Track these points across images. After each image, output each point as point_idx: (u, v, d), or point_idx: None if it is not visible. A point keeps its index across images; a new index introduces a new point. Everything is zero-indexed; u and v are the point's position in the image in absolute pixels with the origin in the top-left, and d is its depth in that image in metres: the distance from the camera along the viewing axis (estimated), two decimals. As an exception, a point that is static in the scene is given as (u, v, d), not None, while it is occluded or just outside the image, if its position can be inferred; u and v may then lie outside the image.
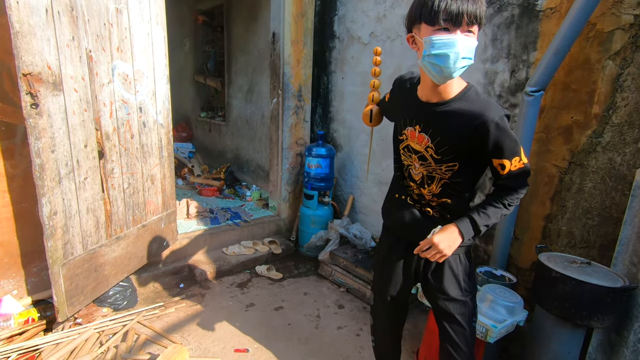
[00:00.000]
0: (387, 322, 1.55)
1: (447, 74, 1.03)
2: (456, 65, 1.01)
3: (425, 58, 1.05)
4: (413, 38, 1.11)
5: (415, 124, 1.20)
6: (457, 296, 1.29)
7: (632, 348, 1.59)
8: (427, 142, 1.18)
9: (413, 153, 1.25)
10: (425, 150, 1.20)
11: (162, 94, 2.56)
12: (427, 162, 1.21)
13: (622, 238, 1.70)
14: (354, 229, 3.11)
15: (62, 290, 1.95)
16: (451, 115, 1.13)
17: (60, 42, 1.77)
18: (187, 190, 4.58)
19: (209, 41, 5.62)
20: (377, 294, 1.51)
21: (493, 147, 1.10)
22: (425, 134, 1.17)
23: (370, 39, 3.14)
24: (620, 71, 1.78)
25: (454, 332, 1.30)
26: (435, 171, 1.22)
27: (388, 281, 1.44)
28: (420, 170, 1.26)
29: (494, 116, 1.07)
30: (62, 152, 1.85)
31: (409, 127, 1.22)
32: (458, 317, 1.30)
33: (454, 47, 0.99)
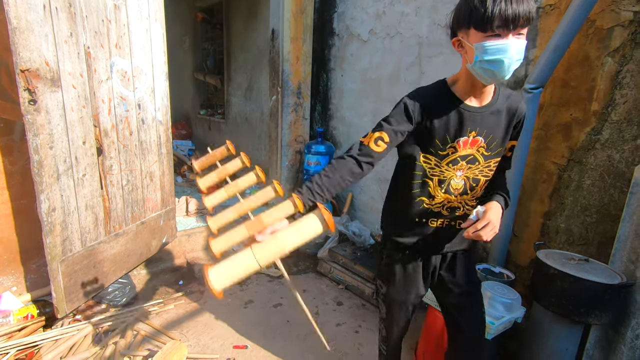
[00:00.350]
0: (403, 330, 1.51)
1: (500, 77, 1.02)
2: (510, 69, 1.00)
3: (477, 64, 1.02)
4: (459, 42, 1.08)
5: (470, 131, 1.16)
6: (469, 289, 1.34)
7: (629, 345, 1.60)
8: (480, 143, 1.19)
9: (461, 160, 1.20)
10: (477, 151, 1.20)
11: (160, 91, 2.56)
12: (477, 163, 1.21)
13: (620, 235, 1.70)
14: (353, 227, 3.11)
15: (60, 287, 1.96)
16: (499, 111, 1.18)
17: (58, 38, 1.77)
18: (186, 187, 4.58)
19: (208, 38, 5.61)
20: (394, 303, 1.45)
21: (517, 130, 1.24)
22: (480, 136, 1.18)
23: (369, 36, 3.13)
24: (620, 68, 1.78)
25: (469, 324, 1.33)
26: (483, 172, 1.23)
27: (409, 290, 1.40)
28: (464, 177, 1.22)
29: (524, 106, 1.22)
30: (60, 148, 1.85)
31: (462, 138, 1.17)
32: (469, 307, 1.34)
33: (507, 52, 0.96)
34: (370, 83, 3.19)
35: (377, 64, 3.11)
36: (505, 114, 1.18)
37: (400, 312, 1.45)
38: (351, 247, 3.03)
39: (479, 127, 1.15)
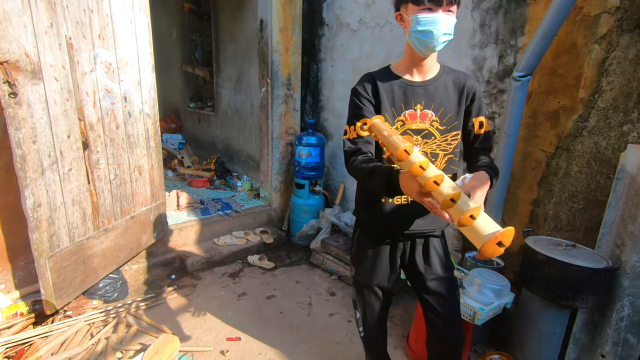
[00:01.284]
0: (377, 312, 1.56)
1: (431, 47, 1.17)
2: (439, 40, 1.14)
3: (412, 34, 1.17)
4: (401, 16, 1.22)
5: (415, 104, 1.27)
6: (442, 274, 1.37)
7: (614, 327, 1.64)
8: (431, 117, 1.27)
9: (414, 135, 1.28)
10: (431, 125, 1.28)
11: (147, 83, 2.51)
12: (433, 137, 1.29)
13: (606, 221, 1.73)
14: (345, 218, 3.12)
15: (49, 283, 1.93)
16: (445, 85, 1.28)
17: (37, 28, 1.72)
18: (177, 181, 4.54)
19: (196, 30, 5.51)
20: (364, 287, 1.51)
21: (477, 106, 1.30)
22: (428, 109, 1.27)
23: (359, 26, 3.10)
24: (606, 55, 1.79)
25: (441, 306, 1.37)
26: (440, 146, 1.30)
27: (377, 274, 1.45)
28: (422, 152, 1.27)
29: (475, 80, 1.32)
30: (44, 142, 1.81)
31: (407, 111, 1.27)
32: (445, 293, 1.37)
33: (436, 24, 1.12)
34: (361, 73, 3.13)
35: (367, 54, 3.09)
36: (453, 88, 1.28)
37: (369, 294, 1.51)
38: (343, 238, 3.04)
39: (424, 100, 1.26)
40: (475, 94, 1.29)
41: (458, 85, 1.28)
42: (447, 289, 1.37)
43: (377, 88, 1.26)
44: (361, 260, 1.48)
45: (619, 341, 1.63)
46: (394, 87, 1.26)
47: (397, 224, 1.35)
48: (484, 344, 2.19)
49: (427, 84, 1.27)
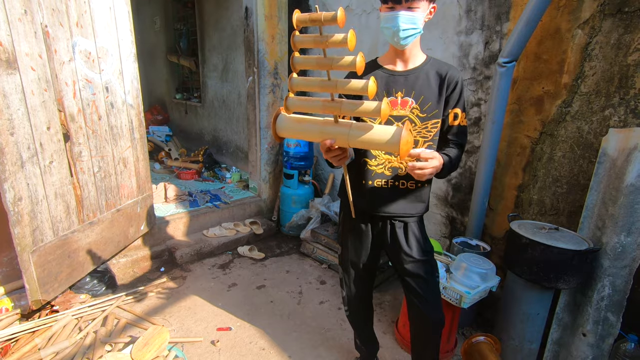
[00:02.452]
0: (360, 291, 1.62)
1: (396, 41, 1.24)
2: (400, 35, 1.21)
3: (381, 29, 1.27)
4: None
5: (395, 92, 1.33)
6: (421, 257, 1.42)
7: (595, 306, 1.69)
8: (411, 104, 1.32)
9: (396, 121, 1.34)
10: (411, 112, 1.32)
11: (130, 73, 2.45)
12: (413, 124, 1.33)
13: (588, 204, 1.77)
14: (335, 207, 3.12)
15: (34, 278, 1.90)
16: (423, 74, 1.32)
17: (10, 15, 1.65)
18: (165, 174, 4.48)
19: (180, 18, 5.38)
20: (348, 265, 1.58)
21: (455, 98, 1.33)
22: (409, 97, 1.32)
23: (346, 13, 3.06)
24: (589, 40, 1.80)
25: (419, 286, 1.43)
26: (421, 133, 1.34)
27: (360, 253, 1.53)
28: None
29: (459, 73, 1.34)
30: (22, 134, 1.75)
31: (388, 98, 1.33)
32: (423, 274, 1.42)
33: (395, 21, 1.20)
34: (348, 61, 3.14)
35: (354, 42, 3.06)
36: (434, 77, 1.31)
37: (354, 273, 1.58)
38: (333, 227, 3.05)
39: (404, 87, 1.32)
40: (456, 85, 1.31)
41: (440, 75, 1.32)
42: (425, 270, 1.42)
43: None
44: (346, 240, 1.55)
45: (599, 320, 1.68)
46: (377, 76, 1.33)
47: (377, 205, 1.41)
48: (471, 327, 2.24)
49: (408, 72, 1.33)
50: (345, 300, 1.68)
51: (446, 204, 2.59)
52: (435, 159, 1.17)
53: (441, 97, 1.32)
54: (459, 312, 1.92)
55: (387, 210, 1.40)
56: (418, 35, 1.24)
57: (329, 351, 2.00)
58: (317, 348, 2.02)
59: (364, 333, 1.78)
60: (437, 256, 1.99)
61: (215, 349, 1.97)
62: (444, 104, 1.33)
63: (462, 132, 1.36)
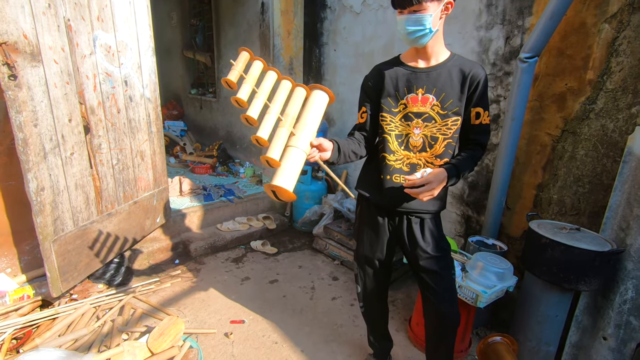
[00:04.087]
0: (375, 287, 1.62)
1: (408, 42, 1.28)
2: (410, 37, 1.24)
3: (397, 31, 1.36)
4: None
5: (417, 89, 1.32)
6: (437, 254, 1.41)
7: (617, 310, 1.64)
8: (432, 101, 1.31)
9: (416, 118, 1.34)
10: (431, 109, 1.32)
11: (148, 67, 2.48)
12: (433, 121, 1.33)
13: (611, 204, 1.72)
14: (347, 203, 3.11)
15: (54, 266, 1.95)
16: (446, 71, 1.30)
17: (35, 9, 1.69)
18: (179, 168, 4.54)
19: (196, 14, 5.42)
20: (363, 260, 1.59)
21: (478, 97, 1.30)
22: (429, 94, 1.31)
23: (362, 8, 3.04)
24: (616, 35, 1.74)
25: (435, 283, 1.42)
26: (441, 130, 1.33)
27: (375, 248, 1.53)
28: (422, 135, 1.34)
29: (483, 71, 1.31)
30: (45, 126, 1.80)
31: (409, 95, 1.33)
32: (439, 271, 1.41)
33: (401, 25, 1.24)
34: (363, 57, 3.12)
35: (370, 37, 3.03)
36: (456, 75, 1.30)
37: (369, 268, 1.59)
38: (346, 223, 3.04)
39: (425, 84, 1.31)
40: (479, 84, 1.29)
41: (463, 72, 1.29)
42: (440, 266, 1.41)
43: (383, 76, 1.37)
44: (362, 234, 1.55)
45: (621, 324, 1.63)
46: (399, 73, 1.35)
47: (395, 199, 1.40)
48: (486, 327, 2.21)
49: (430, 69, 1.31)
50: (360, 296, 1.68)
51: (462, 202, 2.55)
52: (432, 182, 1.20)
53: (463, 95, 1.30)
54: (474, 311, 1.90)
55: (404, 205, 1.40)
56: (432, 34, 1.23)
57: (341, 347, 2.00)
58: (329, 343, 2.02)
59: (378, 330, 1.77)
60: (453, 254, 1.96)
61: (228, 341, 1.99)
62: (467, 102, 1.31)
63: (484, 130, 1.34)
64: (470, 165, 1.32)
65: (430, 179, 1.21)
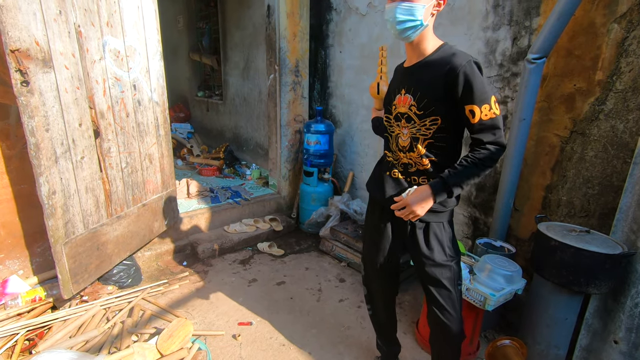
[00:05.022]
0: (381, 289, 1.60)
1: (396, 33, 1.22)
2: (398, 27, 1.19)
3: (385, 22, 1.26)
4: None
5: (401, 88, 1.31)
6: (442, 261, 1.35)
7: (628, 313, 1.62)
8: (410, 101, 1.28)
9: (402, 118, 1.32)
10: (409, 109, 1.28)
11: (155, 71, 2.51)
12: (412, 121, 1.30)
13: (622, 206, 1.69)
14: (354, 205, 3.12)
15: (66, 269, 1.98)
16: (425, 68, 1.25)
17: (47, 16, 1.72)
18: (186, 170, 4.58)
19: (202, 17, 5.47)
20: (368, 263, 1.58)
21: (463, 91, 1.16)
22: (408, 94, 1.28)
23: (368, 10, 3.04)
24: (626, 35, 1.72)
25: (441, 295, 1.37)
26: (420, 131, 1.29)
27: (378, 250, 1.51)
28: (409, 135, 1.32)
29: (462, 61, 1.16)
30: (56, 130, 1.83)
31: (398, 95, 1.33)
32: (444, 282, 1.36)
33: (392, 13, 1.19)
34: (369, 58, 3.12)
35: (376, 38, 3.03)
36: (435, 71, 1.20)
37: (374, 270, 1.56)
38: (352, 225, 3.04)
39: (407, 84, 1.28)
40: (456, 77, 1.15)
41: (442, 68, 1.18)
42: (445, 276, 1.35)
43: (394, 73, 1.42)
44: (368, 238, 1.55)
45: (632, 327, 1.61)
46: (397, 73, 1.38)
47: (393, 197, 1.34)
48: (494, 330, 2.19)
49: (413, 68, 1.29)
50: (366, 299, 1.67)
51: (469, 203, 2.54)
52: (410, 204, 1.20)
53: (439, 93, 1.20)
54: (482, 314, 1.88)
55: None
56: (422, 28, 1.18)
57: (348, 349, 2.00)
58: (336, 345, 2.02)
59: (385, 334, 1.76)
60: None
61: (236, 343, 2.01)
62: (452, 100, 1.19)
63: (487, 127, 1.17)
64: (470, 173, 1.19)
65: (409, 200, 1.21)
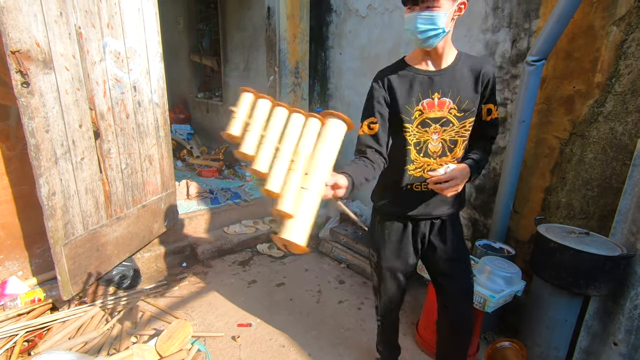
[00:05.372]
0: (397, 299, 1.56)
1: (418, 43, 1.21)
2: (421, 37, 1.17)
3: (404, 31, 1.23)
4: None
5: (432, 93, 1.27)
6: (456, 256, 1.39)
7: (628, 315, 1.62)
8: (449, 105, 1.27)
9: (433, 123, 1.29)
10: (449, 113, 1.28)
11: (156, 73, 2.51)
12: (451, 125, 1.29)
13: (621, 208, 1.70)
14: (353, 207, 3.12)
15: (65, 270, 1.98)
16: (462, 72, 1.28)
17: (47, 17, 1.72)
18: (186, 171, 4.58)
19: (203, 18, 5.48)
20: (388, 274, 1.50)
21: (490, 92, 1.30)
22: (446, 97, 1.27)
23: (368, 12, 3.05)
24: (625, 37, 1.73)
25: (456, 289, 1.39)
26: (459, 133, 1.30)
27: (399, 259, 1.45)
28: (440, 140, 1.31)
29: (493, 66, 1.30)
30: (56, 132, 1.83)
31: (425, 100, 1.28)
32: (458, 275, 1.39)
33: (412, 23, 1.17)
34: (369, 60, 3.13)
35: (376, 40, 3.04)
36: (468, 74, 1.27)
37: (391, 280, 1.51)
38: (352, 226, 3.04)
39: (441, 88, 1.27)
40: (490, 80, 1.28)
41: (474, 72, 1.28)
42: (461, 269, 1.39)
43: (391, 83, 1.29)
44: (384, 246, 1.46)
45: (632, 329, 1.61)
46: (410, 79, 1.28)
47: (415, 207, 1.37)
48: (494, 332, 2.19)
49: (443, 72, 1.27)
50: (381, 310, 1.61)
51: (468, 205, 2.54)
52: (457, 178, 1.19)
53: (477, 94, 1.28)
54: (481, 316, 1.88)
55: (424, 211, 1.37)
56: (443, 35, 1.18)
57: (348, 350, 2.00)
58: (336, 347, 2.02)
59: (388, 341, 1.74)
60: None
61: (236, 344, 2.00)
62: (480, 100, 1.30)
63: (496, 125, 1.36)
64: (486, 160, 1.34)
65: (455, 174, 1.19)
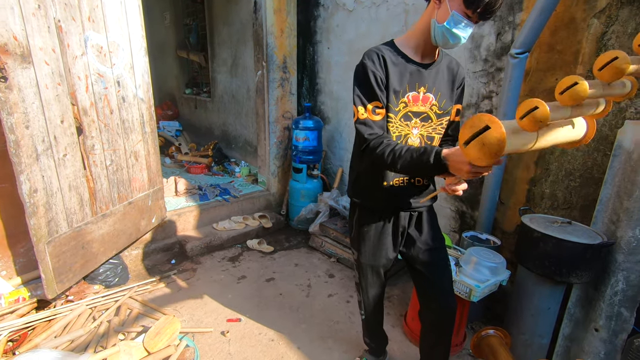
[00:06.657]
0: (378, 293, 1.59)
1: (450, 46, 1.18)
2: (454, 42, 1.16)
3: (442, 27, 1.14)
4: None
5: (419, 87, 1.25)
6: (435, 245, 1.43)
7: (608, 301, 1.66)
8: (431, 101, 1.28)
9: (414, 117, 1.28)
10: (430, 109, 1.29)
11: (140, 67, 2.47)
12: (429, 121, 1.30)
13: (602, 197, 1.73)
14: (343, 201, 3.12)
15: (49, 268, 1.95)
16: (443, 70, 1.29)
17: (25, 10, 1.68)
18: (175, 168, 4.53)
19: (189, 13, 5.40)
20: (368, 269, 1.51)
21: (460, 93, 1.35)
22: (430, 93, 1.27)
23: (355, 5, 3.04)
24: (605, 29, 1.76)
25: (437, 277, 1.41)
26: (436, 130, 1.32)
27: (380, 254, 1.46)
28: (419, 135, 1.31)
29: (463, 70, 1.35)
30: (37, 127, 1.79)
31: (411, 93, 1.25)
32: (439, 263, 1.42)
33: (466, 31, 1.14)
34: (357, 54, 3.12)
35: (363, 34, 3.04)
36: (447, 73, 1.30)
37: (373, 276, 1.53)
38: (342, 221, 3.05)
39: (427, 83, 1.26)
40: (462, 81, 1.34)
41: (451, 71, 1.30)
42: (440, 257, 1.43)
43: (387, 66, 1.19)
44: (364, 242, 1.46)
45: (612, 315, 1.65)
46: (403, 68, 1.21)
47: (394, 202, 1.39)
48: (480, 321, 2.23)
49: (431, 67, 1.26)
50: (363, 305, 1.64)
51: (456, 197, 2.56)
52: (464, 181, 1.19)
53: (453, 94, 1.32)
54: (468, 305, 1.91)
55: (403, 205, 1.39)
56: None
57: (337, 343, 2.01)
58: (325, 340, 2.03)
59: (374, 332, 1.76)
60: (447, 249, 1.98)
61: (225, 339, 2.00)
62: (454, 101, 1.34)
63: (459, 127, 1.39)
64: None
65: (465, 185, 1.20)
